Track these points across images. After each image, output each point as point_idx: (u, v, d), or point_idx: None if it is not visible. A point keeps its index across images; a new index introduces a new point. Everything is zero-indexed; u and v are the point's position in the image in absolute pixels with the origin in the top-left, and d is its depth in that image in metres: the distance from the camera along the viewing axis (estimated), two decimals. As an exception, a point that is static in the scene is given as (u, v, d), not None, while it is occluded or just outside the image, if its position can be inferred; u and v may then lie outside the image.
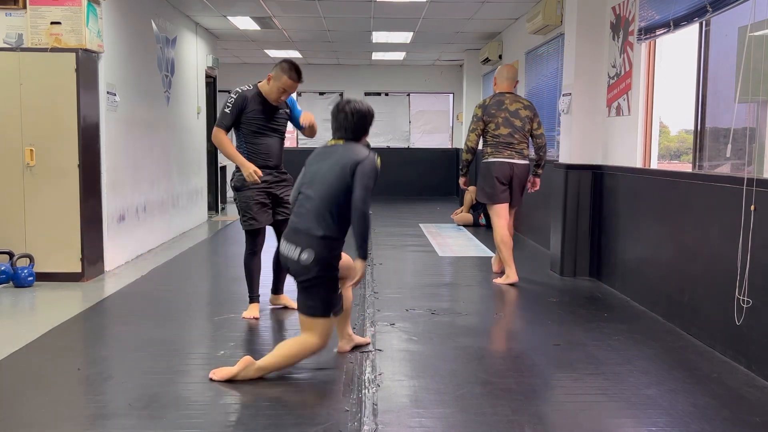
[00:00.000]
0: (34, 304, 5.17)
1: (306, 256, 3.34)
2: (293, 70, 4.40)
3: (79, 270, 5.71)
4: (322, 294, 3.39)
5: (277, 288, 4.84)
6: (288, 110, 4.69)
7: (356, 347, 3.91)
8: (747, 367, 3.64)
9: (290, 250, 3.41)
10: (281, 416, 3.01)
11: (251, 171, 4.36)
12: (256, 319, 4.54)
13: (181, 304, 5.13)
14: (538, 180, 5.99)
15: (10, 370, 3.63)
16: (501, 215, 5.79)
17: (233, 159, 4.49)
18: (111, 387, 3.38)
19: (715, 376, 3.59)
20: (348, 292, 3.74)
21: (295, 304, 3.83)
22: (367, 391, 3.29)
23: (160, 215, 7.77)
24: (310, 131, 4.67)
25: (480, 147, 5.95)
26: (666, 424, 2.98)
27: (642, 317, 4.75)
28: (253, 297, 4.68)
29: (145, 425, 2.90)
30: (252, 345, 4.07)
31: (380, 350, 3.93)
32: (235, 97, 4.44)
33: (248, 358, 3.42)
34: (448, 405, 3.15)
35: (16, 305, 5.11)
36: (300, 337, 3.46)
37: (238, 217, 4.71)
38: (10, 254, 5.57)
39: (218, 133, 4.48)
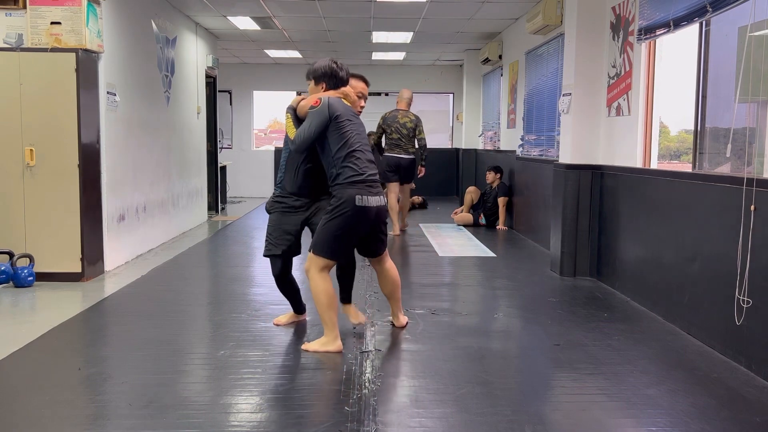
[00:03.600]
0: (34, 304, 5.17)
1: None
2: (353, 75, 4.32)
3: (79, 270, 5.71)
4: None
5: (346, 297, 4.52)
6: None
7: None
8: (747, 367, 3.64)
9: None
10: (281, 416, 3.01)
11: None
12: (277, 325, 4.45)
13: (181, 304, 5.13)
14: (423, 168, 8.97)
15: (10, 370, 3.63)
16: (392, 190, 8.51)
17: None
18: (111, 387, 3.38)
19: (715, 376, 3.59)
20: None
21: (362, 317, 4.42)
22: (367, 391, 3.29)
23: (160, 215, 7.77)
24: None
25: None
26: (666, 424, 2.98)
27: (642, 317, 4.75)
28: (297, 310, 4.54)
29: (145, 425, 2.90)
30: (252, 345, 4.06)
31: (380, 350, 3.93)
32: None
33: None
34: (448, 405, 3.15)
35: (16, 305, 5.11)
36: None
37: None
38: (10, 254, 5.57)
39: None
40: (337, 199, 3.87)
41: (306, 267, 3.94)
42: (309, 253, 3.95)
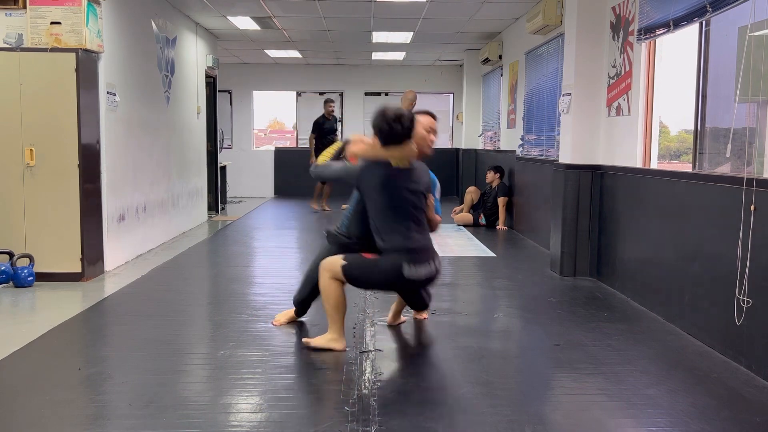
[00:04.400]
0: (34, 304, 5.17)
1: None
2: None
3: (79, 270, 5.71)
4: None
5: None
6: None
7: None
8: (747, 367, 3.64)
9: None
10: (281, 416, 3.01)
11: None
12: (276, 325, 4.43)
13: (181, 304, 5.13)
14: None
15: (10, 370, 3.63)
16: None
17: None
18: (111, 387, 3.38)
19: (715, 376, 3.59)
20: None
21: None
22: (367, 391, 3.29)
23: (160, 215, 7.77)
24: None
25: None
26: (666, 424, 2.98)
27: (642, 317, 4.75)
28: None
29: (145, 425, 2.90)
30: (252, 345, 4.06)
31: (380, 350, 3.93)
32: None
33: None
34: (448, 405, 3.15)
35: (16, 305, 5.11)
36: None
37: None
38: (10, 254, 5.57)
39: None
40: (386, 260, 3.76)
41: (324, 266, 3.86)
42: (338, 258, 3.83)
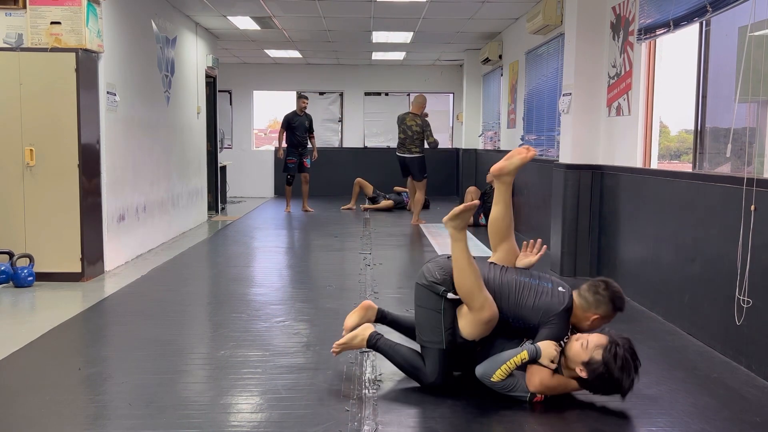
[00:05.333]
0: (34, 304, 5.17)
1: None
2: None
3: (79, 270, 5.70)
4: None
5: None
6: None
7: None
8: (747, 367, 3.64)
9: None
10: (281, 416, 3.01)
11: None
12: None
13: (181, 304, 5.13)
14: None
15: (10, 370, 3.63)
16: (408, 186, 10.23)
17: None
18: (111, 387, 3.38)
19: (715, 376, 3.59)
20: None
21: None
22: (367, 391, 3.29)
23: (160, 215, 7.77)
24: None
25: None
26: (666, 424, 2.98)
27: (642, 317, 4.75)
28: None
29: (145, 425, 2.90)
30: (252, 345, 4.06)
31: (380, 350, 3.92)
32: None
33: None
34: (447, 405, 3.14)
35: (16, 305, 5.11)
36: None
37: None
38: (10, 254, 5.57)
39: None
40: None
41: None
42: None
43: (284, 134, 11.02)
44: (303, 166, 11.05)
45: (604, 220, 5.83)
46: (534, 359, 3.05)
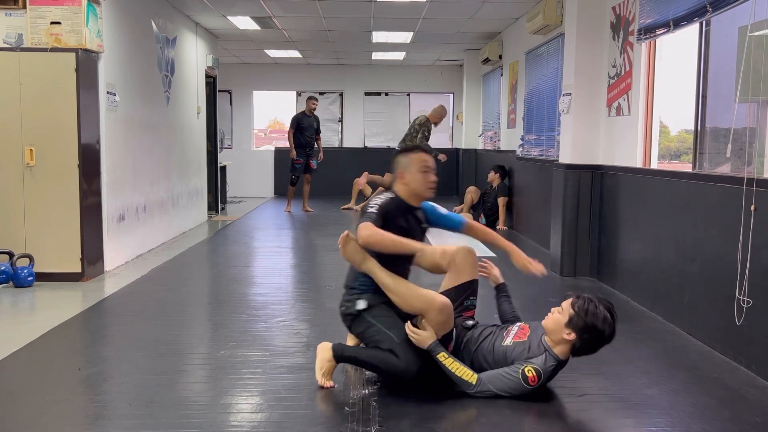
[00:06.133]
0: (34, 304, 5.17)
1: None
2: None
3: (79, 270, 5.70)
4: None
5: None
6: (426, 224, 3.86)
7: None
8: (747, 367, 3.64)
9: None
10: (281, 416, 3.00)
11: None
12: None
13: (181, 304, 5.13)
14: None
15: (10, 370, 3.63)
16: None
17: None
18: (111, 387, 3.38)
19: (715, 376, 3.59)
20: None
21: None
22: (367, 391, 3.29)
23: (160, 215, 7.77)
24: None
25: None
26: (666, 424, 2.98)
27: (642, 317, 4.75)
28: None
29: (145, 425, 2.90)
30: (252, 345, 4.06)
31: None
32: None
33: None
34: (447, 405, 3.15)
35: (16, 305, 5.11)
36: None
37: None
38: (10, 254, 5.57)
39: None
40: None
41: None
42: None
43: (292, 135, 11.05)
44: (309, 167, 11.08)
45: (604, 220, 5.83)
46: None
